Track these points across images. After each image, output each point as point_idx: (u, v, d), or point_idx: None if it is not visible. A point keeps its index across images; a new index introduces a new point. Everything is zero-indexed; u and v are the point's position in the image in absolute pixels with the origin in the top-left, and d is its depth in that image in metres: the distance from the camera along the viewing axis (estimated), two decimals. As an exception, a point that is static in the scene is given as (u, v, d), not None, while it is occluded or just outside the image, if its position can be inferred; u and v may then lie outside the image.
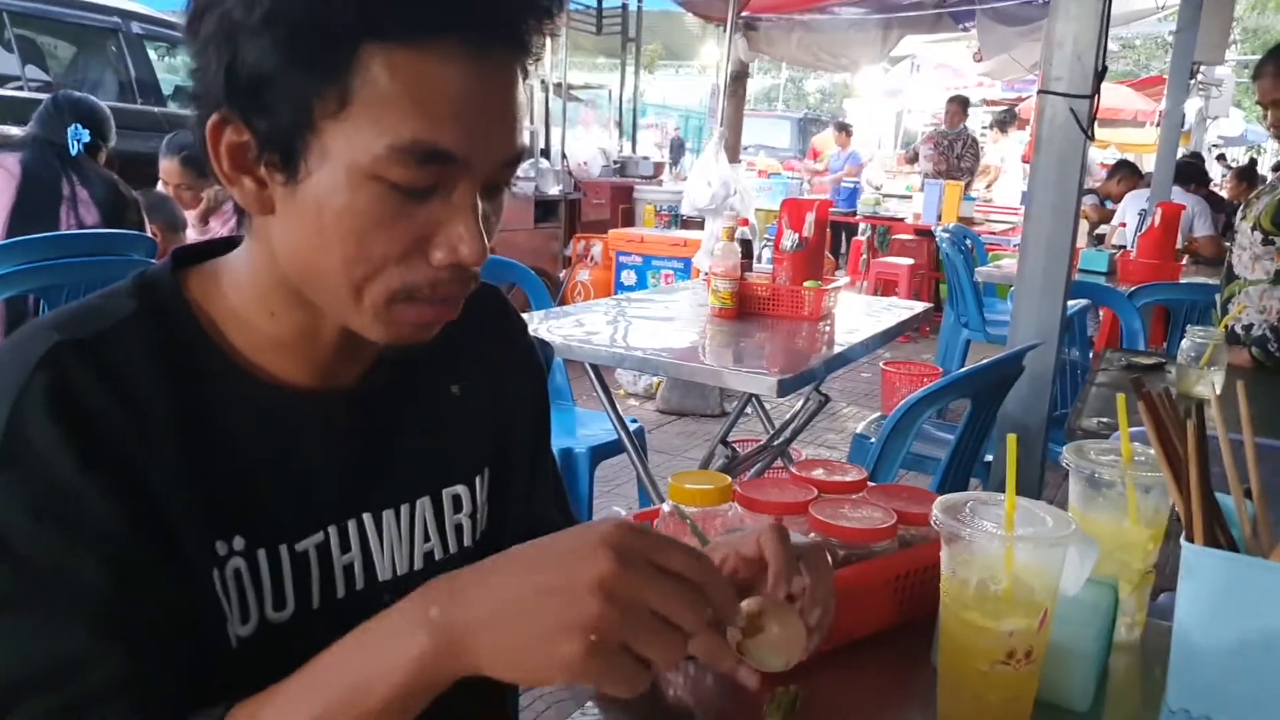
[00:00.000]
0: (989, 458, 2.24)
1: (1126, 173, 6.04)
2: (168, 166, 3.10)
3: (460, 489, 0.77)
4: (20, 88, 4.82)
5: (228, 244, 0.69)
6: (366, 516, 0.70)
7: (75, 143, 2.55)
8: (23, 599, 0.55)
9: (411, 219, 0.59)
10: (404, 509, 0.73)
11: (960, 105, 7.37)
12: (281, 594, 0.66)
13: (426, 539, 0.74)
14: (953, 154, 7.13)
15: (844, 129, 9.50)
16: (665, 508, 0.86)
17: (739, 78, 6.35)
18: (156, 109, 5.19)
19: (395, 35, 0.55)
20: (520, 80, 0.61)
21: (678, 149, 9.10)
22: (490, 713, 0.77)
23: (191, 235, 3.13)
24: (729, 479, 0.85)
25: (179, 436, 0.61)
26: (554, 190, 5.69)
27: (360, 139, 0.56)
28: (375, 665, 0.52)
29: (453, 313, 0.64)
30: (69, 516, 0.56)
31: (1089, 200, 5.98)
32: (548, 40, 0.63)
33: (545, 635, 0.50)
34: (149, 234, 2.72)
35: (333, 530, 0.68)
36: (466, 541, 0.77)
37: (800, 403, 2.70)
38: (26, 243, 2.25)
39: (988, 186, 8.74)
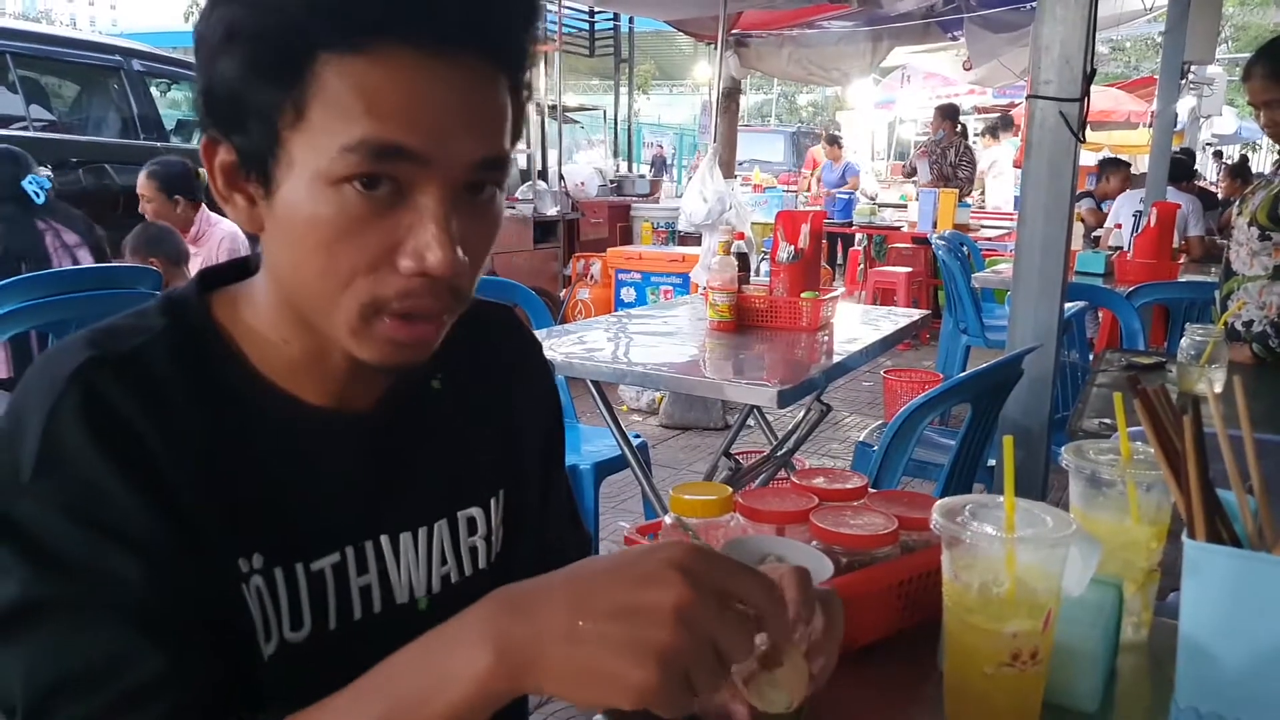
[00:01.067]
0: (992, 462, 2.24)
1: (1114, 169, 6.04)
2: (139, 181, 3.21)
3: (475, 511, 0.77)
4: (25, 128, 4.87)
5: (246, 265, 0.70)
6: (384, 539, 0.71)
7: (40, 192, 2.64)
8: (61, 601, 0.56)
9: (378, 227, 0.58)
10: (421, 532, 0.73)
11: (945, 114, 7.40)
12: (299, 614, 0.66)
13: (444, 562, 0.74)
14: (946, 163, 7.16)
15: (835, 141, 9.54)
16: (667, 520, 0.86)
17: (731, 94, 6.39)
18: (159, 144, 5.24)
19: (342, 43, 0.56)
20: (492, 80, 0.60)
21: (660, 165, 9.14)
22: None
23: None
24: (730, 490, 0.85)
25: (205, 452, 0.61)
26: (552, 211, 5.72)
27: (317, 145, 0.57)
28: (436, 679, 0.50)
29: (432, 333, 0.63)
30: (105, 518, 0.57)
31: (1085, 204, 5.98)
32: (530, 41, 0.62)
33: (619, 657, 0.48)
34: (151, 266, 2.77)
35: (350, 551, 0.69)
36: (481, 564, 0.77)
37: (802, 413, 2.70)
38: (31, 280, 2.28)
39: (969, 191, 8.75)
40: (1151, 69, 13.28)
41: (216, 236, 3.24)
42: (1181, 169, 5.70)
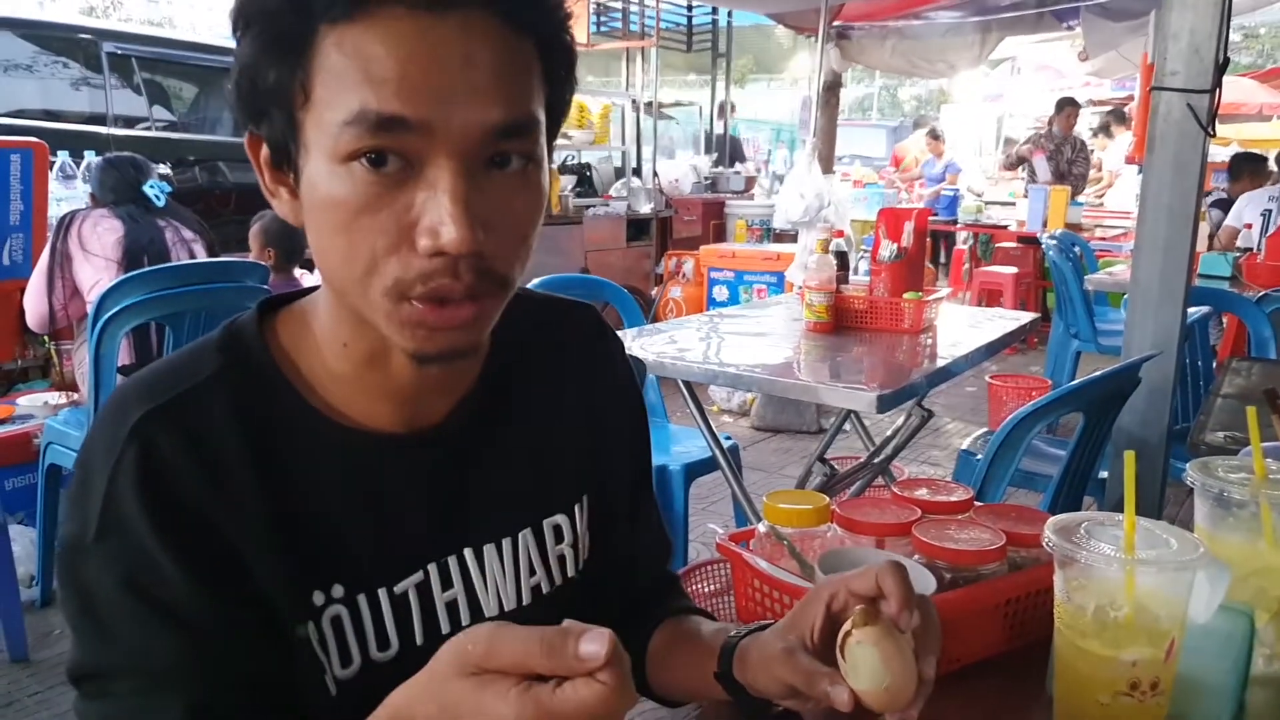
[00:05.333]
0: (1103, 474, 2.12)
1: (1250, 166, 5.60)
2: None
3: (561, 518, 0.75)
4: (149, 128, 5.18)
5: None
6: (467, 552, 0.69)
7: (160, 195, 2.81)
8: (115, 673, 0.58)
9: (392, 206, 0.55)
10: (505, 543, 0.71)
11: (1075, 108, 7.10)
12: (384, 635, 0.66)
13: (532, 572, 0.73)
14: (1062, 159, 6.85)
15: (937, 136, 9.26)
16: (761, 528, 0.85)
17: (832, 88, 6.24)
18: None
19: (339, 11, 0.53)
20: (506, 38, 0.56)
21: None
22: None
23: None
24: (826, 499, 0.83)
25: (265, 494, 0.61)
26: (645, 209, 5.73)
27: (322, 123, 0.55)
28: None
29: (467, 317, 0.58)
30: (154, 592, 0.57)
31: (1214, 212, 5.58)
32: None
33: None
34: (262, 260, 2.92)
35: (432, 569, 0.67)
36: (570, 572, 0.75)
37: (901, 419, 2.62)
38: (148, 274, 2.42)
39: (1099, 195, 8.34)
40: (1288, 57, 12.39)
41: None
42: None
